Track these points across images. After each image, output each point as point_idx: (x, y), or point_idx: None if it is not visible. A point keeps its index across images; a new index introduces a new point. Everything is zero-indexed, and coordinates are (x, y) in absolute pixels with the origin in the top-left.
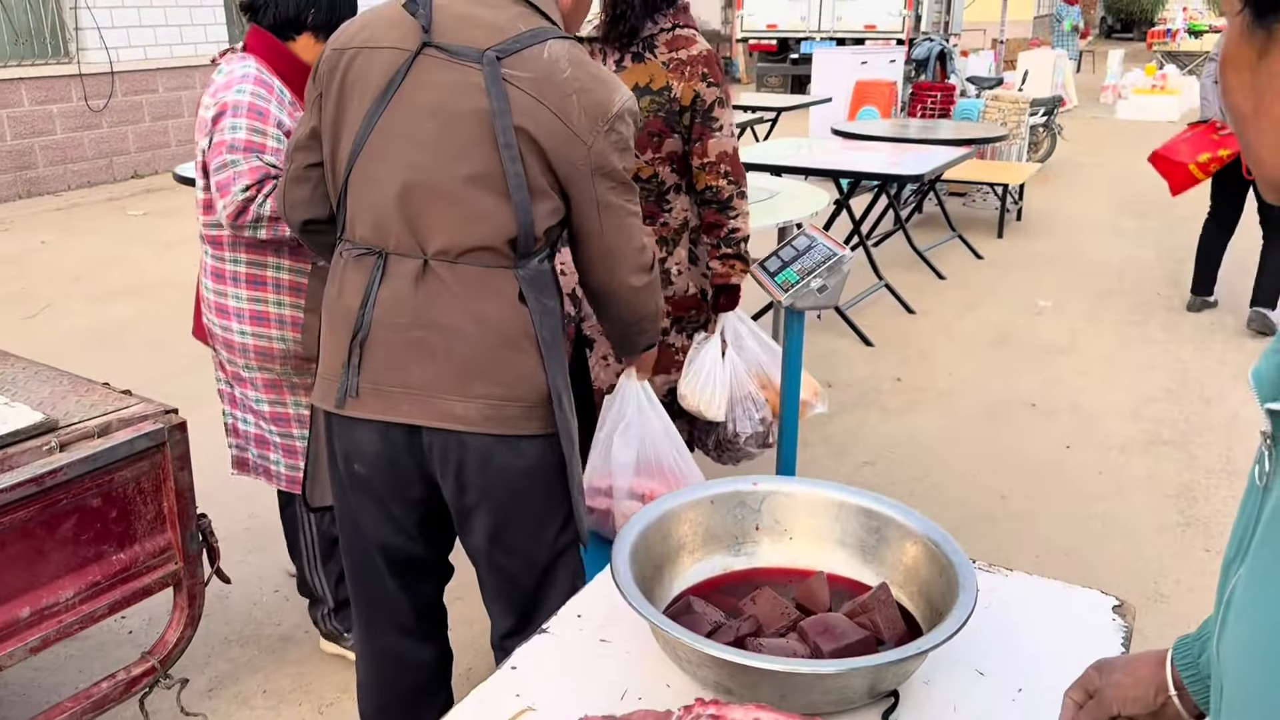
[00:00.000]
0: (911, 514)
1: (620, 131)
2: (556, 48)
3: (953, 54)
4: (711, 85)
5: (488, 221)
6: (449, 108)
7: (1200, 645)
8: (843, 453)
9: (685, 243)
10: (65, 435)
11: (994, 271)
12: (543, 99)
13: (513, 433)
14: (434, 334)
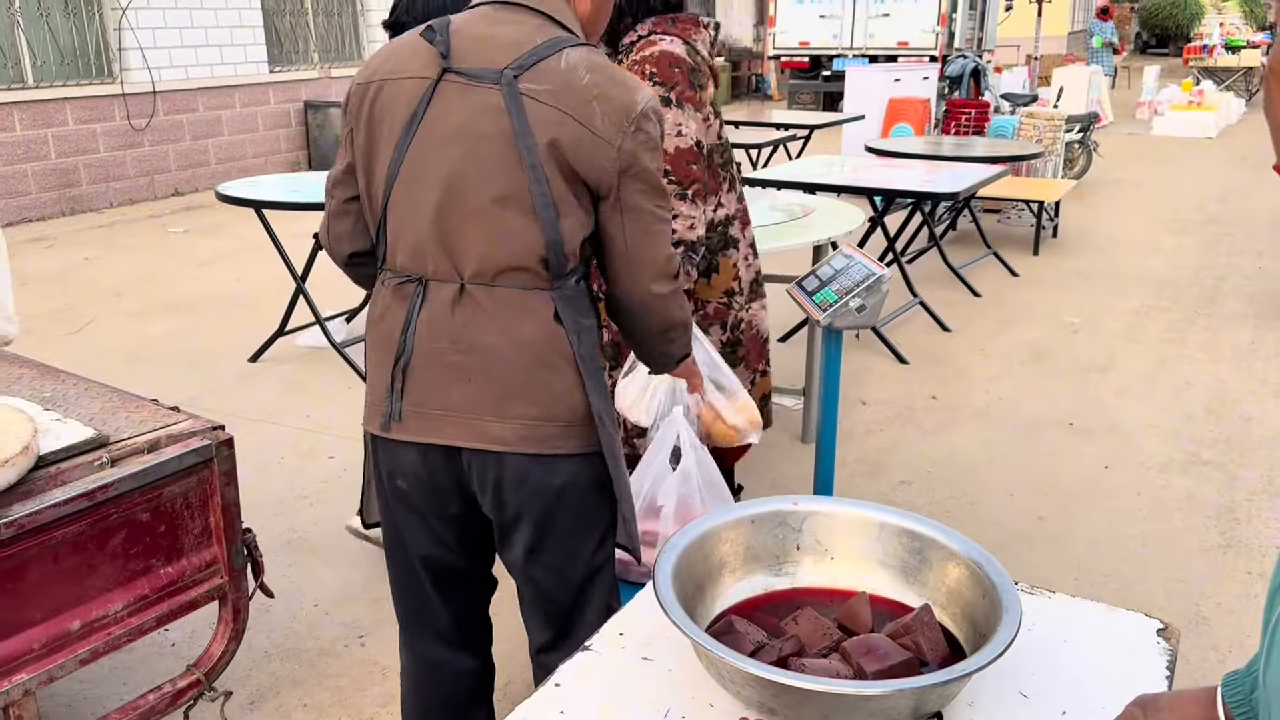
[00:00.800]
0: (954, 535)
1: (647, 131)
2: (574, 55)
3: (986, 70)
4: (657, 84)
5: (517, 239)
6: (473, 131)
7: (1251, 682)
8: (878, 471)
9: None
10: (116, 451)
11: (1030, 289)
12: (563, 108)
13: (550, 452)
14: (471, 357)
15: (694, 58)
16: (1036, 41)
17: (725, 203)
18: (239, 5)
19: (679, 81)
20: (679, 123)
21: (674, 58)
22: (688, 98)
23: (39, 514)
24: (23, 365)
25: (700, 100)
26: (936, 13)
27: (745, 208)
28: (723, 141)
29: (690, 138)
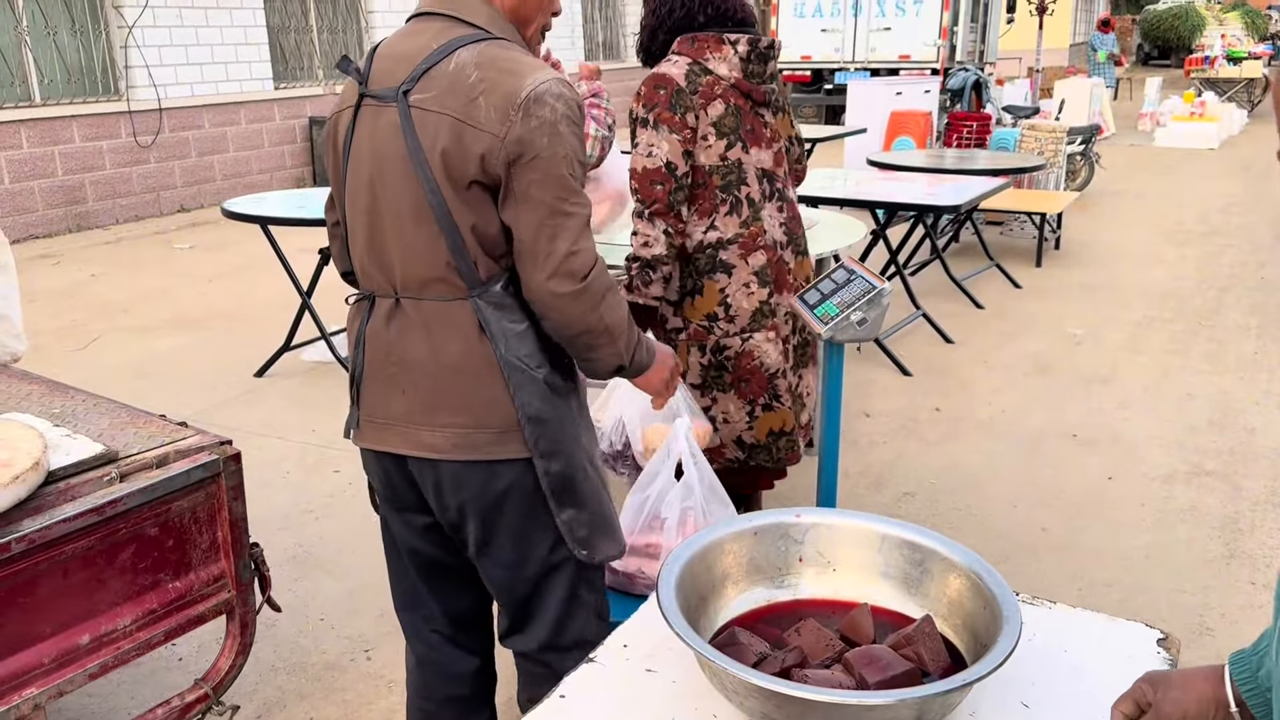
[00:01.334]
0: (955, 546)
1: (539, 115)
2: (464, 54)
3: (988, 83)
4: (644, 107)
5: (427, 252)
6: (380, 151)
7: (1258, 660)
8: (882, 483)
9: None
10: (125, 466)
11: (1033, 301)
12: (447, 110)
13: (484, 458)
14: (402, 369)
15: (694, 78)
16: (1038, 54)
17: (720, 225)
18: (244, 23)
19: (658, 102)
20: (651, 143)
21: (662, 79)
22: (664, 119)
23: (49, 529)
24: (32, 382)
25: (681, 122)
26: (938, 26)
27: (756, 234)
28: (728, 163)
29: (660, 158)
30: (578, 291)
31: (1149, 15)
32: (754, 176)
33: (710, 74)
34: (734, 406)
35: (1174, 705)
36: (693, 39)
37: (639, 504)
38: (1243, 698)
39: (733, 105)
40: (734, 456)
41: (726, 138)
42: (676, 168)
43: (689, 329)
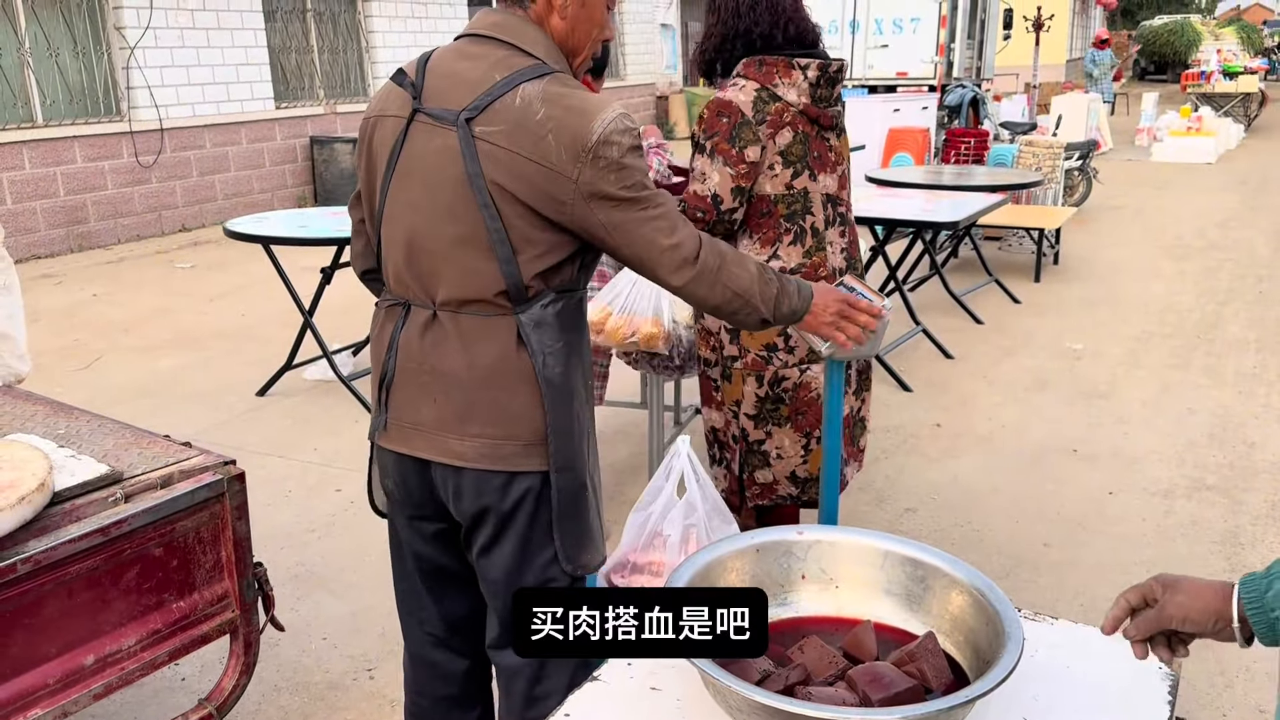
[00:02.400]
0: (957, 563)
1: (607, 156)
2: (529, 90)
3: (985, 99)
4: (704, 132)
5: (476, 277)
6: (434, 173)
7: (1268, 583)
8: (884, 499)
9: None
10: (130, 487)
11: (1032, 316)
12: (517, 149)
13: (508, 469)
14: (436, 378)
15: (761, 106)
16: (1035, 70)
17: (784, 255)
18: (245, 43)
19: (719, 131)
20: (704, 171)
21: (726, 106)
22: (721, 150)
23: (54, 550)
24: (36, 402)
25: (737, 155)
26: (935, 43)
27: (818, 264)
28: (793, 192)
29: (709, 189)
30: (694, 277)
31: (1145, 31)
32: (819, 204)
33: (779, 100)
34: (789, 441)
35: (1178, 608)
36: (760, 62)
37: (641, 521)
38: (1246, 615)
39: (801, 133)
40: (786, 493)
41: (793, 166)
42: (721, 201)
43: (746, 358)
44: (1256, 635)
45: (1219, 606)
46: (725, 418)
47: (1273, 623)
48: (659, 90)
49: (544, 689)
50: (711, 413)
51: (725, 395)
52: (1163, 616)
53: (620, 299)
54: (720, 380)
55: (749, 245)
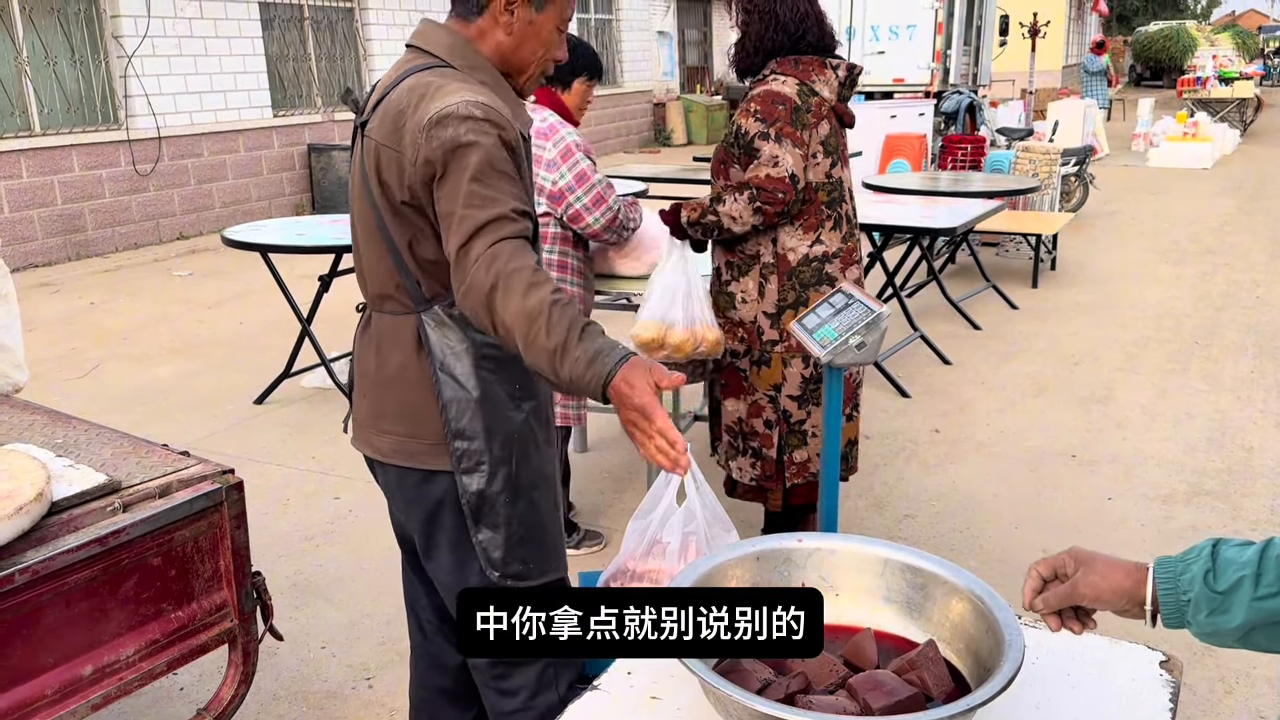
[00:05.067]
0: (957, 570)
1: (440, 135)
2: (407, 82)
3: (982, 105)
4: (758, 120)
5: (379, 269)
6: (354, 178)
7: (1183, 566)
8: (883, 505)
9: (756, 275)
10: (128, 496)
11: (1030, 321)
12: (381, 139)
13: (419, 466)
14: (361, 375)
15: (805, 98)
16: (1031, 76)
17: (825, 240)
18: (243, 51)
19: (779, 117)
20: (775, 154)
21: (777, 95)
22: (787, 133)
23: (52, 560)
24: (34, 411)
25: (801, 138)
26: (931, 49)
27: (853, 249)
28: (832, 180)
29: (785, 169)
30: (464, 292)
31: (1141, 36)
32: (848, 194)
33: (816, 95)
34: None
35: (1090, 588)
36: (796, 61)
37: (641, 529)
38: (1159, 600)
39: (832, 126)
40: (817, 470)
41: (831, 156)
42: (799, 180)
43: (789, 340)
44: (1162, 618)
45: (1130, 587)
46: (754, 405)
47: (1182, 606)
48: (656, 97)
49: (511, 684)
50: (737, 404)
51: (758, 381)
52: (1074, 594)
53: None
54: (752, 368)
55: (792, 231)
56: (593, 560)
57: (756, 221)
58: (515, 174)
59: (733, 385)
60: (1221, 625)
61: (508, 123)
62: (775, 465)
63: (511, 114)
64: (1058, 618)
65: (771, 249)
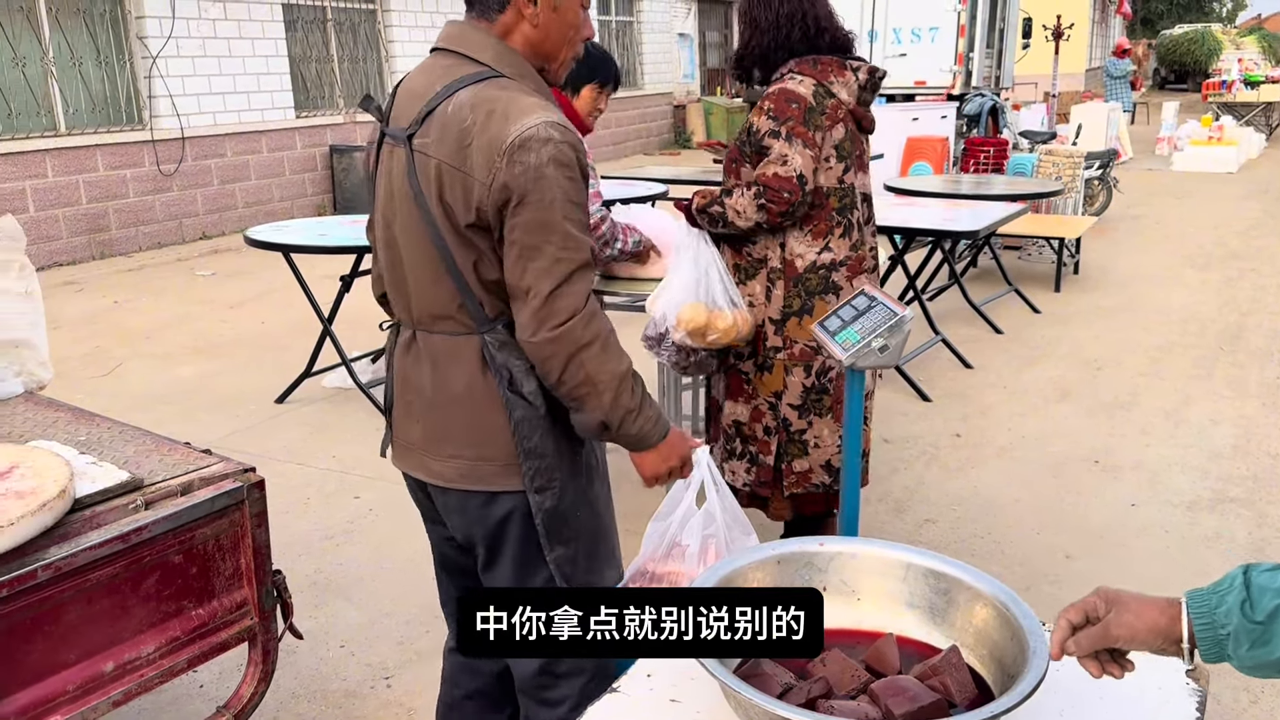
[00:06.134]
0: (981, 575)
1: (523, 160)
2: (463, 95)
3: (1005, 108)
4: (770, 118)
5: (437, 290)
6: (395, 191)
7: (1216, 599)
8: (903, 510)
9: (764, 279)
10: (150, 494)
11: (1052, 326)
12: (442, 157)
13: (486, 489)
14: (415, 399)
15: (821, 99)
16: (1054, 79)
17: (834, 247)
18: (266, 53)
19: (792, 116)
20: (784, 153)
21: (792, 94)
22: (799, 133)
23: (75, 556)
24: (58, 409)
25: (813, 139)
26: (954, 52)
27: (862, 258)
28: (844, 186)
29: (794, 169)
30: (555, 338)
31: (1165, 40)
32: (860, 201)
33: (833, 97)
34: (828, 431)
35: (1124, 629)
36: (815, 61)
37: (660, 532)
38: (1196, 636)
39: (849, 130)
40: (819, 481)
41: (845, 161)
42: (806, 181)
43: (792, 348)
44: (1200, 652)
45: (1166, 625)
46: (756, 410)
47: (1220, 640)
48: (676, 99)
49: (556, 695)
50: (737, 407)
51: (761, 387)
52: (1107, 636)
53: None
54: (755, 373)
55: (800, 237)
56: None
57: (760, 219)
58: (584, 199)
59: (734, 387)
60: (1264, 657)
61: (579, 141)
62: (772, 472)
63: None
64: (1097, 663)
65: (779, 254)
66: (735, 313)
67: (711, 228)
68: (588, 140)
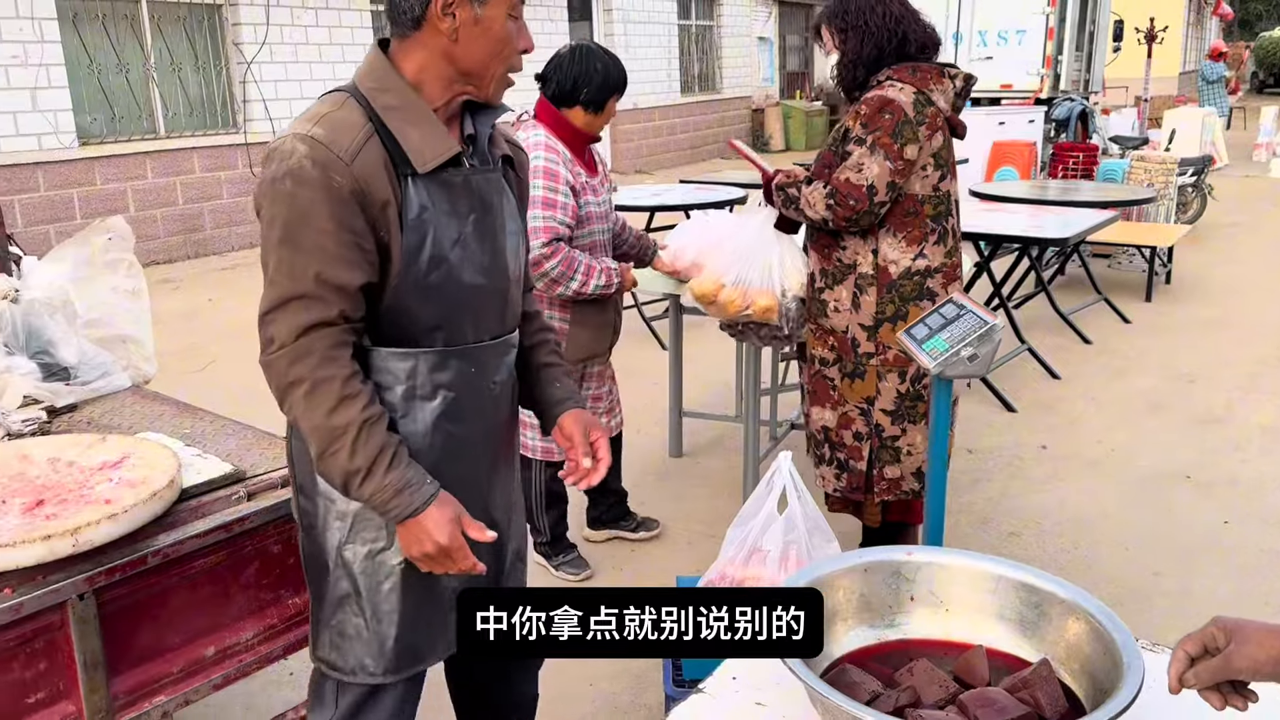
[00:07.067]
0: (1074, 589)
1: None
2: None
3: (1094, 113)
4: (861, 124)
5: None
6: None
7: None
8: (986, 522)
9: (851, 285)
10: (252, 485)
11: (1143, 336)
12: None
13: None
14: None
15: (920, 108)
16: (1146, 83)
17: (929, 254)
18: (355, 58)
19: (881, 126)
20: (862, 161)
21: (888, 103)
22: (883, 144)
23: (182, 544)
24: (163, 403)
25: (896, 151)
26: (1041, 55)
27: (956, 264)
28: (939, 193)
29: (867, 178)
30: (264, 366)
31: (1264, 42)
32: (955, 208)
33: (933, 105)
34: (921, 438)
35: (1247, 660)
36: (914, 68)
37: (740, 537)
38: None
39: (946, 138)
40: (910, 489)
41: (941, 169)
42: (876, 193)
43: (885, 354)
44: None
45: None
46: (844, 416)
47: None
48: (755, 103)
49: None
50: (824, 412)
51: (849, 393)
52: (1229, 668)
53: (733, 272)
54: (843, 378)
55: (894, 243)
56: (673, 559)
57: (826, 217)
58: (345, 226)
59: (820, 393)
60: None
61: (346, 156)
62: (864, 478)
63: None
64: (1219, 695)
65: (871, 259)
66: (743, 289)
67: (784, 208)
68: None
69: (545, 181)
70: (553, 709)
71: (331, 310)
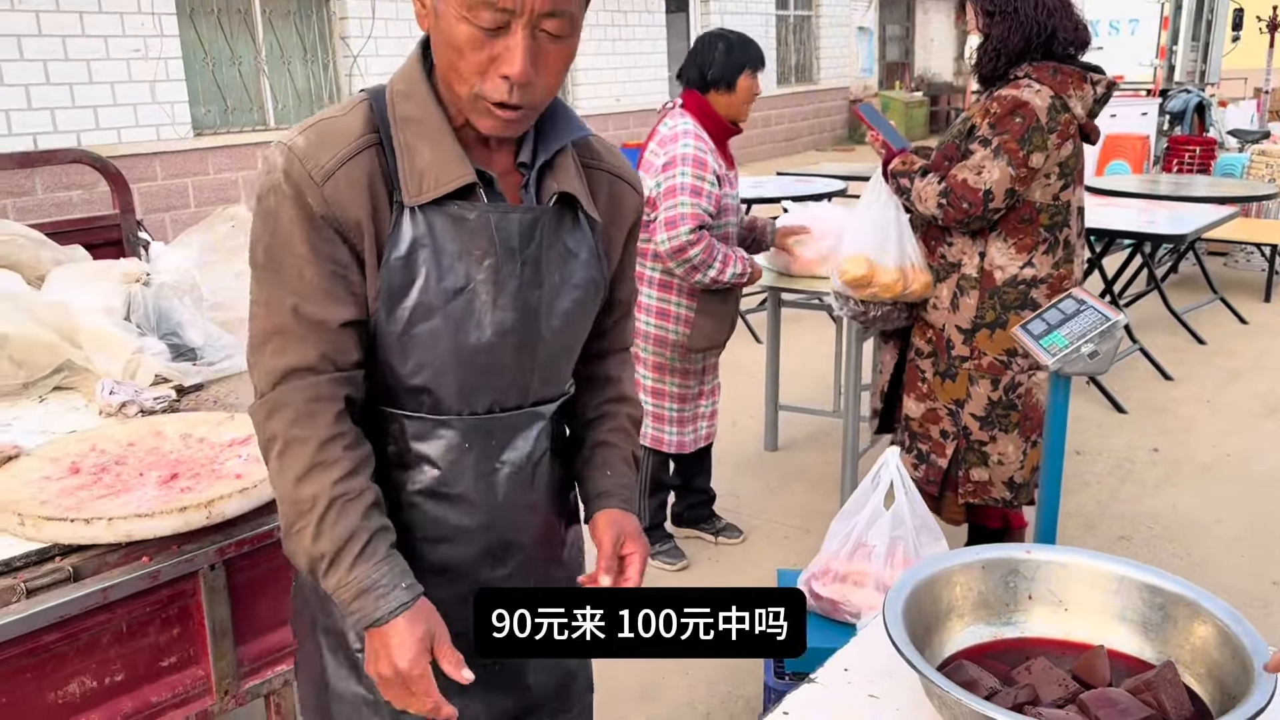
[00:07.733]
0: (1202, 592)
1: (256, 188)
2: None
3: (1211, 105)
4: (990, 125)
5: None
6: None
7: None
8: (1094, 525)
9: (952, 284)
10: None
11: (1261, 338)
12: None
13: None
14: None
15: (1054, 114)
16: (1267, 74)
17: (1037, 263)
18: None
19: (1009, 130)
20: (982, 164)
21: (1022, 106)
22: (1009, 149)
23: None
24: None
25: (1022, 158)
26: (1155, 45)
27: (1064, 276)
28: (1058, 203)
29: (985, 182)
30: (252, 410)
31: None
32: (1075, 216)
33: (1068, 112)
34: (1013, 447)
35: None
36: (1055, 70)
37: (844, 531)
38: None
39: (1077, 146)
40: (1000, 496)
41: (1066, 178)
42: (993, 199)
43: (980, 359)
44: None
45: None
46: (932, 411)
47: None
48: (853, 94)
49: None
50: (912, 402)
51: (939, 391)
52: None
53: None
54: (934, 375)
55: (1003, 249)
56: (768, 553)
57: (936, 215)
58: (324, 255)
59: (910, 382)
60: None
61: (311, 184)
62: (943, 474)
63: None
64: None
65: (977, 262)
66: (902, 269)
67: (897, 194)
68: (741, 137)
69: (694, 170)
70: (649, 694)
71: (310, 353)
